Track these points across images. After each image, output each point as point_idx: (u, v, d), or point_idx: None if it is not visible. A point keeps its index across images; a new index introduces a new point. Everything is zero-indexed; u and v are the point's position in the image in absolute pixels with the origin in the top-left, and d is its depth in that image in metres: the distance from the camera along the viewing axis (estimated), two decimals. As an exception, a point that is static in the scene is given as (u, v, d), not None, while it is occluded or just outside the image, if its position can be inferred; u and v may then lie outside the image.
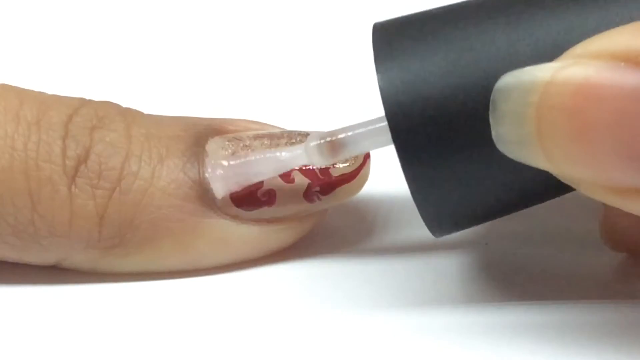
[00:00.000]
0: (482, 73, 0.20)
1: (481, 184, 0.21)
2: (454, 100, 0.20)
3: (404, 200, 0.27)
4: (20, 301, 0.23)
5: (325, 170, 0.24)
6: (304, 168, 0.24)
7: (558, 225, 0.26)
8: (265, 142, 0.24)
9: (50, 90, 0.24)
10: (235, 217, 0.24)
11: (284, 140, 0.24)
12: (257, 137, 0.24)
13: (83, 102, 0.24)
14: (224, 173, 0.23)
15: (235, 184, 0.23)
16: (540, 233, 0.26)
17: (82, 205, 0.23)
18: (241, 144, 0.24)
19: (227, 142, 0.24)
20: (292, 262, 0.25)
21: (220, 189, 0.23)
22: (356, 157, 0.24)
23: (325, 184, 0.24)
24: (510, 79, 0.18)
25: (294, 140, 0.24)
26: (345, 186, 0.24)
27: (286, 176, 0.24)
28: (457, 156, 0.20)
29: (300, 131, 0.24)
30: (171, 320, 0.23)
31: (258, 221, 0.24)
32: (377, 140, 0.22)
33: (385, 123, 0.21)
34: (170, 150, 0.24)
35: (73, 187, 0.23)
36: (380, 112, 0.21)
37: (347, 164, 0.24)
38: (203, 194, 0.24)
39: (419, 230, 0.25)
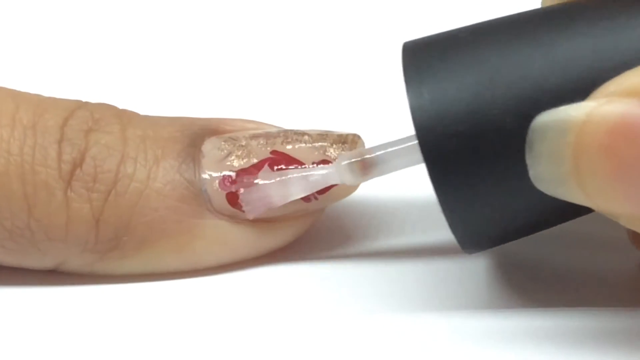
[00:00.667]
0: (513, 95, 0.20)
1: (512, 204, 0.21)
2: (485, 121, 0.20)
3: (402, 201, 0.27)
4: (19, 303, 0.23)
5: None
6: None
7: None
8: (262, 141, 0.24)
9: (47, 91, 0.24)
10: (231, 218, 0.24)
11: (279, 140, 0.24)
12: (253, 137, 0.24)
13: (79, 105, 0.24)
14: (256, 194, 0.23)
15: (267, 205, 0.23)
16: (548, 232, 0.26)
17: (78, 209, 0.23)
18: (237, 144, 0.24)
19: (222, 143, 0.24)
20: (290, 263, 0.25)
21: (253, 211, 0.23)
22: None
23: None
24: (545, 119, 0.19)
25: (289, 139, 0.24)
26: (342, 185, 0.24)
27: None
28: (488, 176, 0.20)
29: (297, 130, 0.24)
30: (170, 320, 0.23)
31: (254, 221, 0.24)
32: (408, 159, 0.22)
33: (415, 142, 0.21)
34: (165, 151, 0.24)
35: (69, 190, 0.23)
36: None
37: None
38: (199, 195, 0.24)
39: (418, 231, 0.26)
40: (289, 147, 0.24)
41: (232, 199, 0.24)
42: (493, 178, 0.20)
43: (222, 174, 0.24)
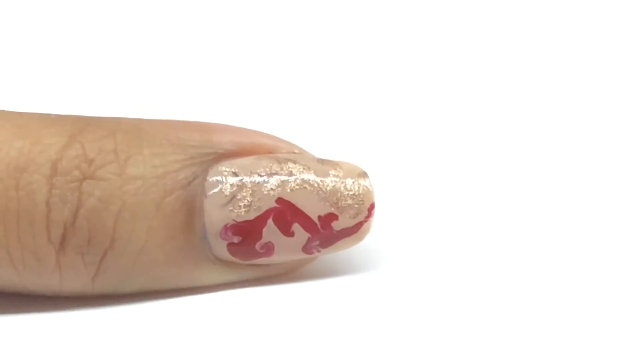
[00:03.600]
0: None
1: None
2: None
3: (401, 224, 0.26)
4: (18, 307, 0.23)
5: (327, 224, 0.23)
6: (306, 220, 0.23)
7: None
8: (269, 185, 0.23)
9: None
10: (230, 265, 0.23)
11: (287, 186, 0.23)
12: (260, 175, 0.23)
13: (70, 139, 0.22)
14: None
15: None
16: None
17: (72, 271, 0.22)
18: (242, 183, 0.23)
19: (227, 179, 0.23)
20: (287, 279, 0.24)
21: None
22: (360, 211, 0.23)
23: (325, 238, 0.23)
24: None
25: (298, 186, 0.23)
26: (346, 239, 0.23)
27: (286, 230, 0.23)
28: None
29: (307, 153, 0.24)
30: (166, 332, 0.23)
31: (252, 265, 0.23)
32: None
33: None
34: (167, 191, 0.22)
35: (61, 254, 0.22)
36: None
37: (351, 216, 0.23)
38: (199, 245, 0.23)
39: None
40: (297, 194, 0.23)
41: (233, 248, 0.23)
42: None
43: (223, 224, 0.23)
